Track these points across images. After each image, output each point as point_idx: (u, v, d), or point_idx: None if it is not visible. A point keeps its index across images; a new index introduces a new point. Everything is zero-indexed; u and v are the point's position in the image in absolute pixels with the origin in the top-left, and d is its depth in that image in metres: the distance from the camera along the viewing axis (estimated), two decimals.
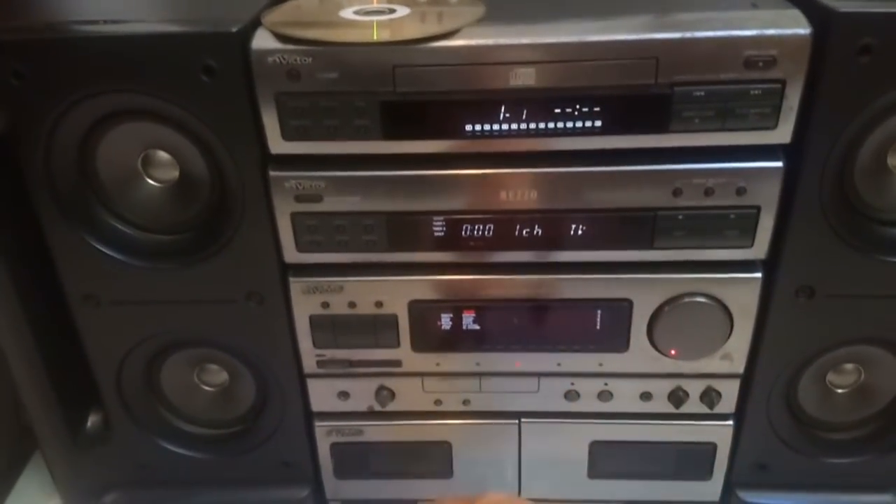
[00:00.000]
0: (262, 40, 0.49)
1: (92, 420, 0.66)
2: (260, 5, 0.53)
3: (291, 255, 0.56)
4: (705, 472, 0.65)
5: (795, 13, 0.48)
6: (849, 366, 0.61)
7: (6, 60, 0.49)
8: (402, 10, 0.53)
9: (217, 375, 0.65)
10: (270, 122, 0.51)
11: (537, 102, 0.49)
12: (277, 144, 0.51)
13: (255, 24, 0.50)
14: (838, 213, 0.53)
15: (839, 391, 0.63)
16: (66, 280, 0.57)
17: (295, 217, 0.54)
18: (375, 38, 0.48)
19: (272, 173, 0.53)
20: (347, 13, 0.52)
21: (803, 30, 0.47)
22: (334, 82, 0.49)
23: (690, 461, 0.64)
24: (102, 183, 0.55)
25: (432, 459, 0.66)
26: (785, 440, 0.63)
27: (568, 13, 0.50)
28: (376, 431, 0.64)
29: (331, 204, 0.54)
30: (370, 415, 0.64)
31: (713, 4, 0.51)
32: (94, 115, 0.52)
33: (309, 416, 0.64)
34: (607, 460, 0.65)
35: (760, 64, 0.47)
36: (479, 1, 0.53)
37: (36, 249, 0.56)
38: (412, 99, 0.49)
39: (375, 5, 0.53)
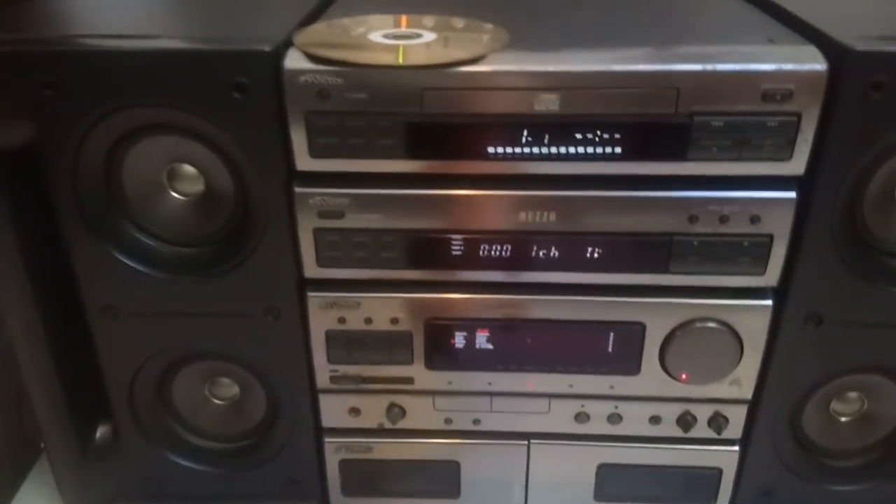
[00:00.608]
0: (295, 60, 0.50)
1: (101, 431, 0.66)
2: (290, 25, 0.55)
3: (311, 269, 0.57)
4: (710, 497, 0.65)
5: (812, 49, 0.50)
6: (852, 394, 0.62)
7: (38, 72, 0.50)
8: (428, 35, 0.54)
9: (228, 389, 0.65)
10: (298, 140, 0.52)
11: (559, 128, 0.50)
12: (304, 161, 0.52)
13: (287, 44, 0.51)
14: (848, 244, 0.54)
15: (843, 419, 0.64)
16: (85, 290, 0.58)
17: (317, 233, 0.55)
18: (403, 61, 0.50)
19: (297, 189, 0.54)
20: (376, 36, 0.54)
21: (820, 65, 0.48)
22: (363, 102, 0.50)
23: (696, 486, 0.65)
24: (127, 195, 0.56)
25: (440, 479, 0.66)
26: (789, 466, 0.64)
27: (591, 42, 0.52)
28: (385, 449, 0.65)
29: (352, 221, 0.55)
30: (380, 432, 0.64)
31: (731, 39, 0.53)
32: (122, 128, 0.53)
33: (319, 432, 0.64)
34: (614, 483, 0.66)
35: (778, 97, 0.49)
36: (503, 29, 0.54)
37: (55, 259, 0.57)
38: (438, 121, 0.50)
39: (403, 29, 0.55)
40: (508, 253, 0.56)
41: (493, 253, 0.56)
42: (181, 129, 0.52)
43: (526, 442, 0.64)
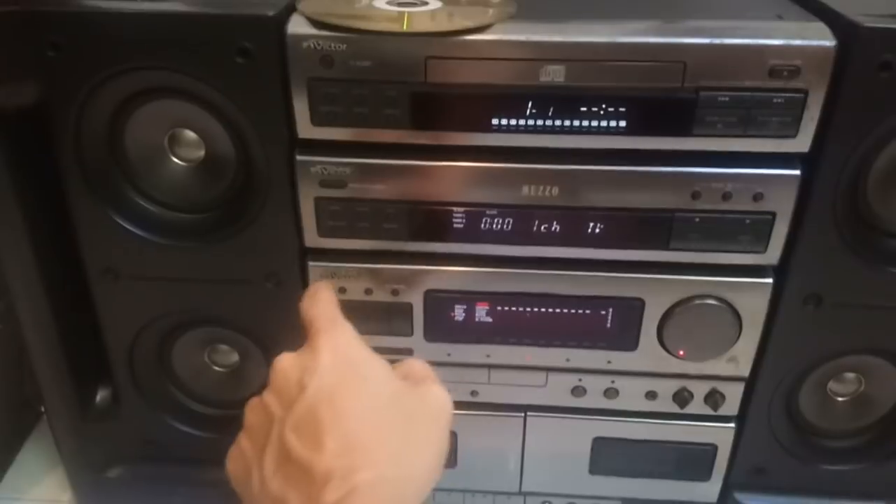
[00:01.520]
0: (298, 25, 0.49)
1: (101, 395, 0.66)
2: None
3: (312, 239, 0.57)
4: (705, 473, 0.66)
5: (821, 26, 0.49)
6: (850, 375, 0.63)
7: (44, 32, 0.50)
8: (434, 4, 0.54)
9: (228, 356, 0.66)
10: (301, 107, 0.51)
11: (565, 100, 0.50)
12: (306, 129, 0.52)
13: (291, 9, 0.51)
14: (850, 224, 0.54)
15: (839, 399, 0.64)
16: (86, 252, 0.58)
17: (318, 202, 0.55)
18: (407, 28, 0.49)
19: (299, 157, 0.53)
20: (381, 3, 0.53)
21: (828, 42, 0.48)
22: (367, 70, 0.50)
23: (691, 462, 0.65)
24: (130, 159, 0.55)
25: None
26: (784, 445, 0.64)
27: (599, 14, 0.51)
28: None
29: (354, 190, 0.55)
30: None
31: (740, 14, 0.52)
32: (125, 91, 0.52)
33: None
34: (609, 457, 0.66)
35: (785, 73, 0.48)
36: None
37: (58, 220, 0.57)
38: (442, 90, 0.50)
39: None
40: (510, 226, 0.56)
41: (494, 226, 0.56)
42: (184, 93, 0.52)
43: (522, 414, 0.65)
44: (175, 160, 0.56)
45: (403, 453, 0.43)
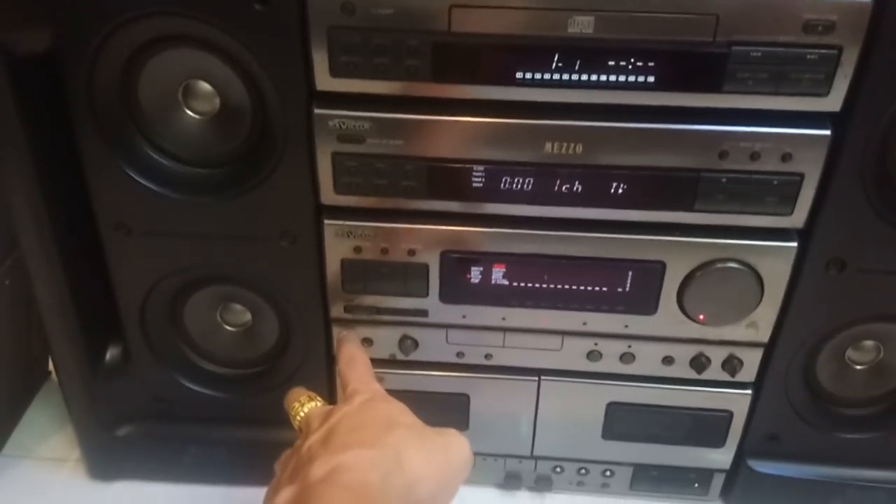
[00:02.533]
0: None
1: (111, 352, 0.65)
2: None
3: (328, 196, 0.56)
4: (719, 440, 0.65)
5: None
6: (868, 342, 0.62)
7: None
8: None
9: (240, 316, 0.65)
10: (319, 57, 0.50)
11: (592, 53, 0.49)
12: (324, 80, 0.51)
13: None
14: (877, 188, 0.53)
15: (857, 367, 0.63)
16: (98, 207, 0.57)
17: (335, 157, 0.54)
18: None
19: (316, 111, 0.52)
20: None
21: None
22: (389, 18, 0.48)
23: (706, 428, 0.65)
24: (143, 111, 0.54)
25: (449, 411, 0.66)
26: (800, 412, 0.64)
27: None
28: (396, 380, 0.64)
29: (373, 146, 0.53)
30: (392, 363, 0.64)
31: None
32: (139, 38, 0.51)
33: (331, 361, 0.64)
34: (622, 423, 0.66)
35: (819, 28, 0.47)
36: None
37: (70, 173, 0.55)
38: (466, 41, 0.49)
39: None
40: (531, 186, 0.55)
41: (514, 185, 0.55)
42: (199, 41, 0.51)
43: (536, 378, 0.64)
44: (189, 113, 0.54)
45: (408, 456, 0.44)
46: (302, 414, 0.51)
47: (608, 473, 0.69)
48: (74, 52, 0.50)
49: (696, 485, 0.69)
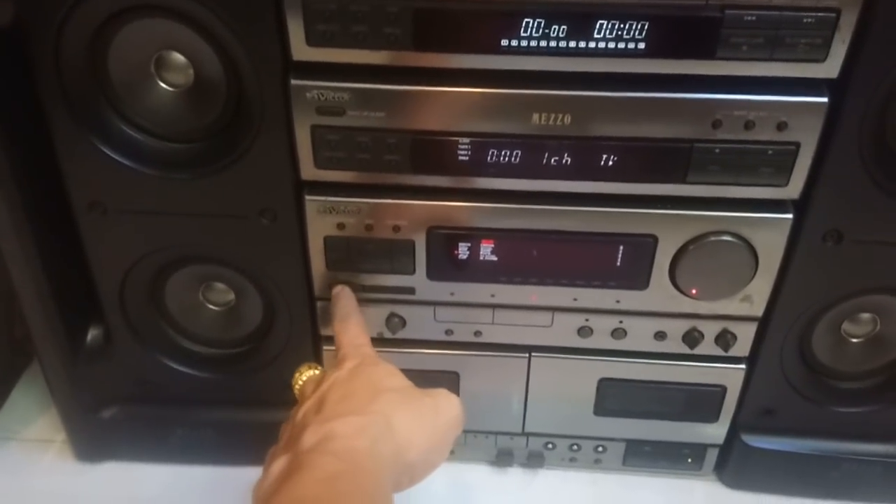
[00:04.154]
0: None
1: (92, 334, 0.64)
2: None
3: (309, 171, 0.54)
4: (712, 415, 0.65)
5: None
6: (865, 315, 0.61)
7: None
8: None
9: (223, 295, 0.63)
10: (295, 25, 0.48)
11: (580, 17, 0.47)
12: (301, 50, 0.49)
13: None
14: (875, 157, 0.51)
15: (853, 340, 0.62)
16: (71, 186, 0.55)
17: (315, 130, 0.52)
18: None
19: (293, 82, 0.50)
20: None
21: None
22: None
23: (699, 403, 0.64)
24: (114, 85, 0.52)
25: None
26: (795, 386, 0.63)
27: None
28: (384, 358, 0.63)
29: (353, 119, 0.51)
30: (379, 341, 0.62)
31: None
32: (106, 9, 0.49)
33: (317, 340, 0.63)
34: (614, 398, 0.65)
35: None
36: None
37: (42, 153, 0.53)
38: (448, 7, 0.47)
39: None
40: (518, 159, 0.53)
41: (501, 158, 0.53)
42: (169, 10, 0.48)
43: (527, 355, 0.63)
44: (163, 85, 0.52)
45: (398, 421, 0.45)
46: (301, 382, 0.52)
47: (600, 449, 0.68)
48: (39, 26, 0.48)
49: (690, 460, 0.68)
